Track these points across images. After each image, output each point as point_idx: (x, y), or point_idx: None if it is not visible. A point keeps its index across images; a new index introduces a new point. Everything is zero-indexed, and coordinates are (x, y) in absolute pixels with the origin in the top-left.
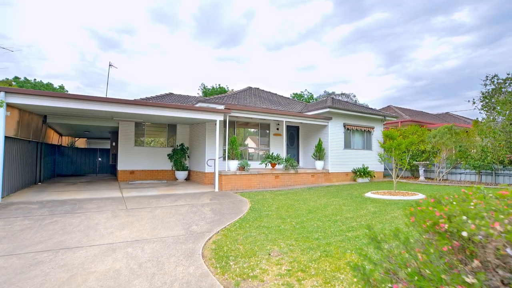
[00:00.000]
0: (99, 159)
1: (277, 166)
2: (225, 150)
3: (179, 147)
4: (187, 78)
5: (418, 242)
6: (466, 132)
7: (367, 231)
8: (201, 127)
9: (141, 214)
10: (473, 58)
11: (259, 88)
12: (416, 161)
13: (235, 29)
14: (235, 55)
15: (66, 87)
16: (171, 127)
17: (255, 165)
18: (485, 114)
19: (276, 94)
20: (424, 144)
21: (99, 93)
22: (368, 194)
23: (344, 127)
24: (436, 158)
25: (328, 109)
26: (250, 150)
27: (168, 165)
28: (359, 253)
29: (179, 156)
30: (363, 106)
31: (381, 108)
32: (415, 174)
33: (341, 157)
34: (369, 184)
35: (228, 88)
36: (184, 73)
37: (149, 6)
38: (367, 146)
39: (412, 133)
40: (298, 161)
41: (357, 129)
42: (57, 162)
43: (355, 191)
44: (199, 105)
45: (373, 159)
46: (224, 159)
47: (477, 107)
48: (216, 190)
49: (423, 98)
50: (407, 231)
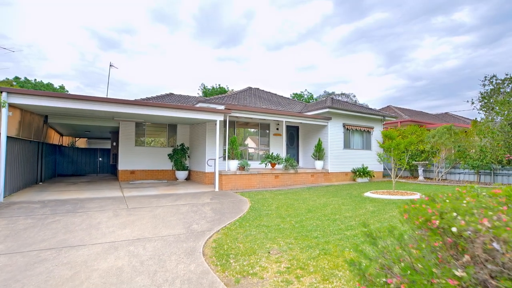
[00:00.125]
0: (100, 159)
1: (277, 166)
2: (225, 150)
3: (179, 147)
4: (187, 78)
5: (411, 238)
6: (465, 132)
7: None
8: (201, 127)
9: (142, 213)
10: (473, 58)
11: (259, 88)
12: (415, 161)
13: (235, 29)
14: (235, 55)
15: (66, 87)
16: (171, 127)
17: (255, 165)
18: (483, 114)
19: (276, 94)
20: (423, 144)
21: (99, 93)
22: (367, 194)
23: (344, 127)
24: (435, 158)
25: (327, 109)
26: (250, 150)
27: (168, 165)
28: (356, 250)
29: (180, 156)
30: (362, 106)
31: (381, 108)
32: (414, 174)
33: (340, 157)
34: (368, 184)
35: (228, 88)
36: (184, 73)
37: (149, 6)
38: (367, 146)
39: (411, 133)
40: (297, 161)
41: (356, 129)
42: (57, 162)
43: (354, 190)
44: (199, 105)
45: (373, 159)
46: (224, 159)
47: (475, 107)
48: (216, 189)
49: (423, 98)
50: (402, 228)
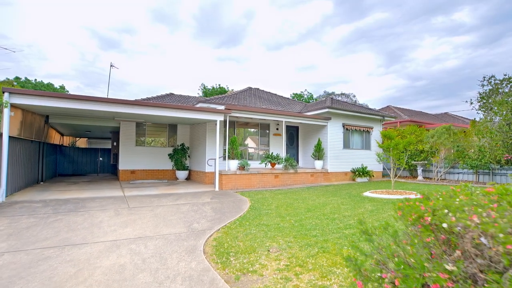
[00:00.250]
0: (100, 158)
1: (276, 166)
2: (225, 150)
3: (179, 147)
4: (187, 78)
5: (405, 234)
6: (463, 132)
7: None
8: (202, 127)
9: (143, 213)
10: (473, 58)
11: (259, 89)
12: (415, 160)
13: (235, 29)
14: (235, 55)
15: (66, 87)
16: (171, 127)
17: (255, 164)
18: (482, 114)
19: (276, 94)
20: (422, 144)
21: (99, 93)
22: (366, 193)
23: (343, 127)
24: (434, 158)
25: (327, 109)
26: (250, 150)
27: (168, 165)
28: (352, 246)
29: (180, 156)
30: (362, 106)
31: (380, 108)
32: (413, 174)
33: (340, 157)
34: (367, 183)
35: (228, 88)
36: (184, 73)
37: (149, 6)
38: (366, 146)
39: (410, 133)
40: (297, 160)
41: (356, 129)
42: (58, 162)
43: (353, 190)
44: (199, 105)
45: (372, 159)
46: (224, 158)
47: (474, 108)
48: (217, 189)
49: (423, 98)
50: (396, 225)
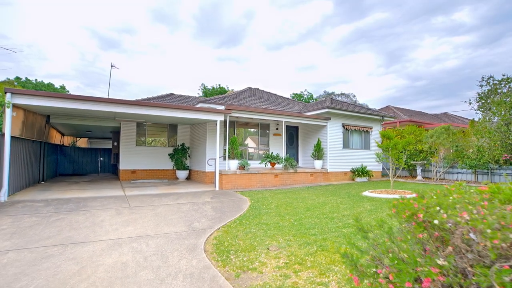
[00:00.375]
0: (101, 158)
1: (276, 166)
2: (225, 150)
3: (180, 147)
4: (187, 78)
5: (399, 231)
6: (462, 132)
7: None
8: (202, 127)
9: (144, 212)
10: (473, 58)
11: (259, 89)
12: (414, 160)
13: (235, 29)
14: (235, 55)
15: (66, 87)
16: (172, 127)
17: (255, 164)
18: (481, 114)
19: (276, 94)
20: (421, 144)
21: (99, 93)
22: (365, 193)
23: (343, 127)
24: (433, 157)
25: (326, 110)
26: (250, 150)
27: (169, 165)
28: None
29: (180, 155)
30: (361, 107)
31: (380, 109)
32: (413, 174)
33: (339, 156)
34: (367, 183)
35: (228, 88)
36: (184, 73)
37: (149, 6)
38: (366, 146)
39: (409, 133)
40: (297, 160)
41: (355, 129)
42: (59, 162)
43: (353, 190)
44: (199, 105)
45: (372, 158)
46: (225, 158)
47: (473, 108)
48: (217, 189)
49: (423, 98)
50: (391, 222)
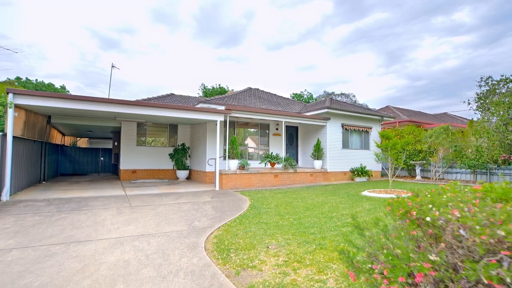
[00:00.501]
0: (101, 158)
1: (276, 166)
2: (225, 150)
3: (180, 147)
4: (187, 78)
5: (394, 228)
6: (461, 132)
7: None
8: (202, 127)
9: (145, 211)
10: (473, 58)
11: (259, 89)
12: (413, 160)
13: (235, 29)
14: (235, 55)
15: (66, 87)
16: (172, 127)
17: (254, 164)
18: (480, 114)
19: (276, 94)
20: (420, 144)
21: (99, 93)
22: (364, 193)
23: (342, 127)
24: (432, 157)
25: (326, 110)
26: (250, 150)
27: (169, 165)
28: (346, 240)
29: (180, 155)
30: (361, 107)
31: (380, 109)
32: (412, 174)
33: (339, 156)
34: (366, 183)
35: (228, 88)
36: (184, 73)
37: (149, 6)
38: (365, 146)
39: (408, 133)
40: (297, 160)
41: (355, 129)
42: (60, 162)
43: (352, 189)
44: (200, 105)
45: (371, 158)
46: (225, 158)
47: (472, 108)
48: (217, 188)
49: (423, 98)
50: (386, 220)
